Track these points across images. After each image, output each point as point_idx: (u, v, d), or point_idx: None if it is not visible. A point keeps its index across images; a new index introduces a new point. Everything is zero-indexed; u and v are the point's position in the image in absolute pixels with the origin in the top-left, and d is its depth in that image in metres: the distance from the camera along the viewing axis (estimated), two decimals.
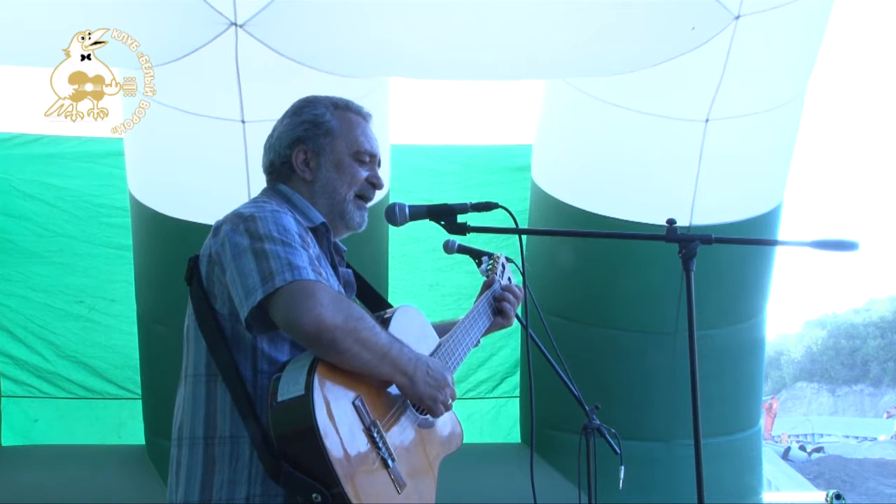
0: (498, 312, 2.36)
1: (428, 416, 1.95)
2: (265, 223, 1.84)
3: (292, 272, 1.75)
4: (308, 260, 1.81)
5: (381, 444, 1.78)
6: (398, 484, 1.80)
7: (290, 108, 2.11)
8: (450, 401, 1.92)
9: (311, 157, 2.03)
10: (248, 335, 1.82)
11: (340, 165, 2.04)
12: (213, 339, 1.85)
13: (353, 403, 1.77)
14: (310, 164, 2.03)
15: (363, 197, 2.08)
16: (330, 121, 2.05)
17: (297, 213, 1.97)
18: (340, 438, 1.71)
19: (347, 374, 1.78)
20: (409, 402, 1.91)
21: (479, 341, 2.26)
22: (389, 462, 1.79)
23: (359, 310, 1.82)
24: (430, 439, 1.99)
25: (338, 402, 1.74)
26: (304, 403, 1.68)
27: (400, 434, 1.88)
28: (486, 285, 2.42)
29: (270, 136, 2.10)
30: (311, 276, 1.77)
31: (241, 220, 1.86)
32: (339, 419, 1.72)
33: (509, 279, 2.53)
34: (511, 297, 2.38)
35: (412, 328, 2.03)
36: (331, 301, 1.75)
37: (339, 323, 1.73)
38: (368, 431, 1.77)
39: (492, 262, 2.52)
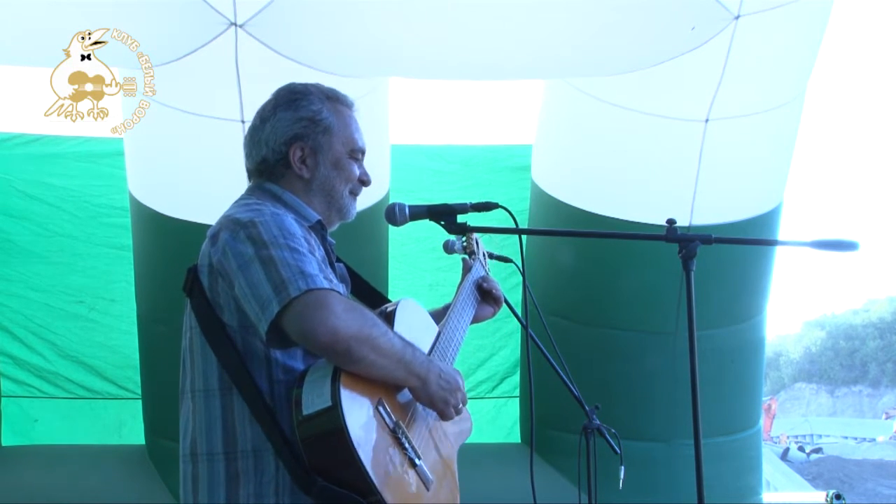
0: (490, 299, 2.37)
1: None
2: (267, 227, 1.79)
3: (305, 280, 1.71)
4: (318, 266, 1.77)
5: (406, 445, 1.79)
6: (426, 482, 1.81)
7: (282, 99, 2.02)
8: (461, 405, 1.91)
9: (309, 155, 1.98)
10: (261, 346, 1.79)
11: (338, 164, 2.01)
12: (225, 353, 1.81)
13: (377, 408, 1.77)
14: (307, 162, 1.98)
15: (354, 193, 2.07)
16: (328, 118, 2.00)
17: (291, 212, 1.92)
18: (371, 445, 1.70)
19: (367, 379, 1.77)
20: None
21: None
22: (416, 461, 1.80)
23: (372, 316, 1.79)
24: (446, 432, 2.00)
25: (363, 409, 1.73)
26: (333, 415, 1.66)
27: (420, 432, 1.88)
28: (466, 269, 2.41)
29: (259, 129, 2.01)
30: (324, 283, 1.73)
31: (239, 227, 1.81)
32: (367, 426, 1.72)
33: (485, 255, 2.51)
34: (495, 283, 2.39)
35: (415, 322, 2.04)
36: (345, 310, 1.72)
37: (354, 332, 1.70)
38: (394, 434, 1.77)
39: (465, 238, 2.49)
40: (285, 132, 1.98)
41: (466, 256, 2.46)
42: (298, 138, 1.98)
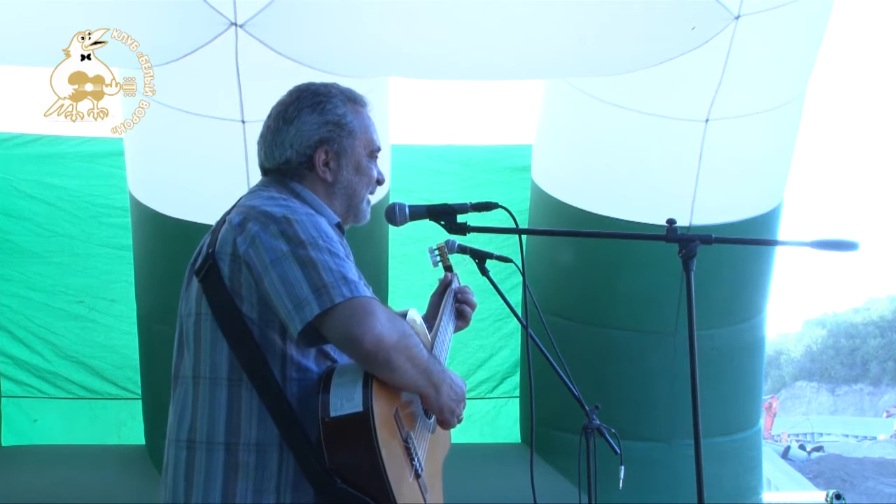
0: (461, 317, 2.39)
1: (434, 422, 1.97)
2: (304, 227, 1.77)
3: (349, 287, 1.71)
4: (357, 272, 1.77)
5: (414, 456, 1.80)
6: (425, 492, 1.83)
7: (306, 101, 1.98)
8: (462, 414, 1.92)
9: (332, 159, 1.97)
10: (279, 341, 1.77)
11: (359, 167, 2.00)
12: (241, 343, 1.77)
13: (394, 417, 1.78)
14: (330, 165, 1.97)
15: (370, 194, 2.07)
16: (352, 121, 1.99)
17: (315, 212, 1.90)
18: (391, 453, 1.71)
19: (389, 387, 1.78)
20: (423, 409, 1.93)
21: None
22: (420, 472, 1.82)
23: (408, 326, 1.81)
24: (436, 443, 2.02)
25: (386, 418, 1.74)
26: (365, 421, 1.67)
27: (422, 443, 1.90)
28: (446, 283, 2.43)
29: (283, 131, 1.96)
30: (366, 292, 1.73)
31: (271, 221, 1.78)
32: (389, 435, 1.73)
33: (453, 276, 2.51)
34: (471, 299, 2.40)
35: (420, 333, 2.05)
36: (388, 319, 1.73)
37: (395, 342, 1.72)
38: (405, 444, 1.79)
39: (438, 251, 2.52)
40: (311, 136, 1.96)
41: (441, 263, 2.50)
42: (324, 142, 1.97)
